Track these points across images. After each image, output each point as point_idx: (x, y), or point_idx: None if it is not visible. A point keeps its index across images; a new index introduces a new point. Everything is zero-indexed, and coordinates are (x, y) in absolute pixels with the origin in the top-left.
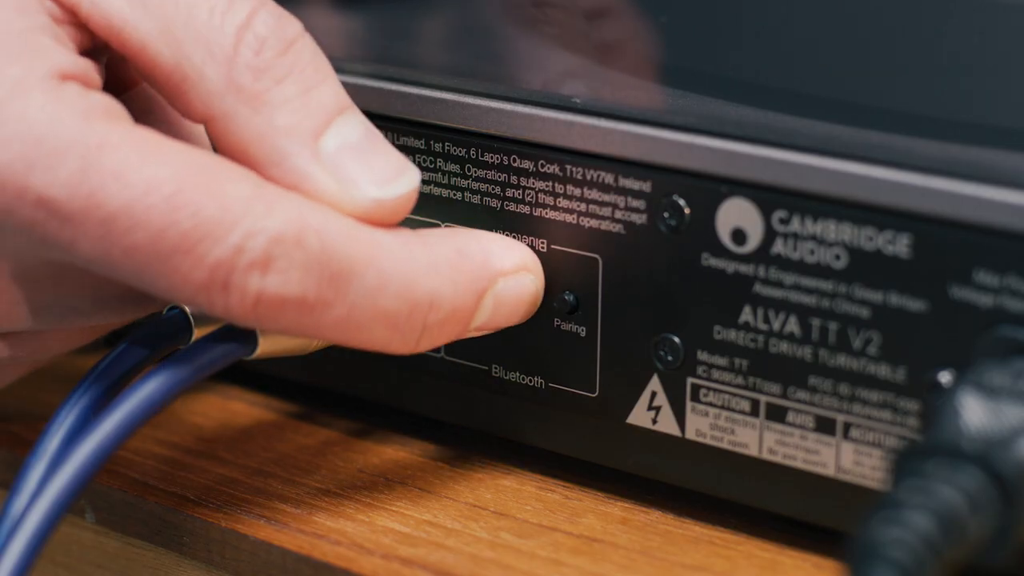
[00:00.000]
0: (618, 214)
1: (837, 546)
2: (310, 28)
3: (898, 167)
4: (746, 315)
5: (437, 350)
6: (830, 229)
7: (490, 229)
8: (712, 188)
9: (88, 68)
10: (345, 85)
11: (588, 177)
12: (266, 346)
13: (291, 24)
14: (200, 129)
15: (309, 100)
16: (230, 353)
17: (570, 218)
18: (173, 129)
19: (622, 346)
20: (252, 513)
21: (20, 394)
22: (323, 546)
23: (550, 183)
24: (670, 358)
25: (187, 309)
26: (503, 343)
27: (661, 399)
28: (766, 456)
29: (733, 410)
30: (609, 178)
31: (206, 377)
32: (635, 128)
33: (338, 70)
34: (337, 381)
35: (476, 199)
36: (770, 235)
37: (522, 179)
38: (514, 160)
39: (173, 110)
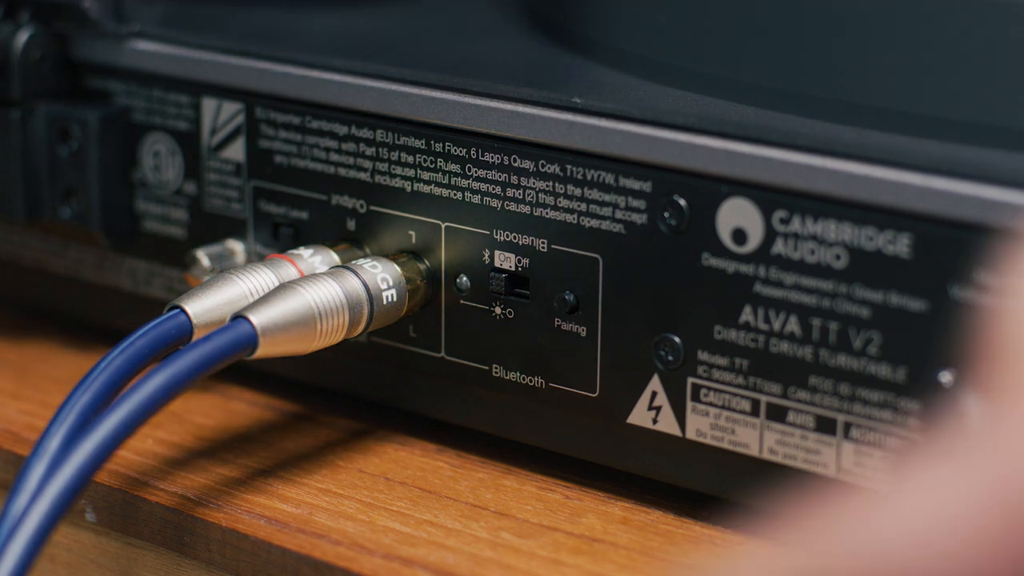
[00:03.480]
0: (618, 214)
1: None
2: (312, 27)
3: (898, 167)
4: (746, 315)
5: (437, 350)
6: (830, 229)
7: (490, 229)
8: (712, 188)
9: None
10: (345, 85)
11: (588, 177)
12: (267, 346)
13: None
14: None
15: None
16: (230, 353)
17: (570, 218)
18: None
19: (622, 346)
20: (252, 513)
21: (20, 394)
22: (323, 546)
23: (550, 183)
24: (670, 358)
25: (187, 309)
26: (503, 343)
27: (661, 399)
28: (766, 456)
29: (733, 410)
30: (609, 178)
31: (206, 377)
32: (635, 128)
33: (339, 70)
34: (337, 381)
35: (476, 199)
36: (770, 235)
37: (522, 179)
38: (514, 160)
39: None
